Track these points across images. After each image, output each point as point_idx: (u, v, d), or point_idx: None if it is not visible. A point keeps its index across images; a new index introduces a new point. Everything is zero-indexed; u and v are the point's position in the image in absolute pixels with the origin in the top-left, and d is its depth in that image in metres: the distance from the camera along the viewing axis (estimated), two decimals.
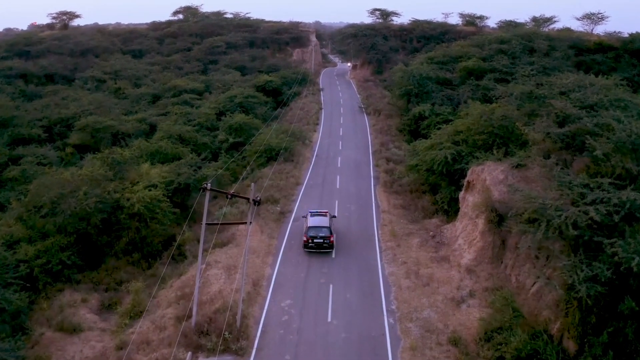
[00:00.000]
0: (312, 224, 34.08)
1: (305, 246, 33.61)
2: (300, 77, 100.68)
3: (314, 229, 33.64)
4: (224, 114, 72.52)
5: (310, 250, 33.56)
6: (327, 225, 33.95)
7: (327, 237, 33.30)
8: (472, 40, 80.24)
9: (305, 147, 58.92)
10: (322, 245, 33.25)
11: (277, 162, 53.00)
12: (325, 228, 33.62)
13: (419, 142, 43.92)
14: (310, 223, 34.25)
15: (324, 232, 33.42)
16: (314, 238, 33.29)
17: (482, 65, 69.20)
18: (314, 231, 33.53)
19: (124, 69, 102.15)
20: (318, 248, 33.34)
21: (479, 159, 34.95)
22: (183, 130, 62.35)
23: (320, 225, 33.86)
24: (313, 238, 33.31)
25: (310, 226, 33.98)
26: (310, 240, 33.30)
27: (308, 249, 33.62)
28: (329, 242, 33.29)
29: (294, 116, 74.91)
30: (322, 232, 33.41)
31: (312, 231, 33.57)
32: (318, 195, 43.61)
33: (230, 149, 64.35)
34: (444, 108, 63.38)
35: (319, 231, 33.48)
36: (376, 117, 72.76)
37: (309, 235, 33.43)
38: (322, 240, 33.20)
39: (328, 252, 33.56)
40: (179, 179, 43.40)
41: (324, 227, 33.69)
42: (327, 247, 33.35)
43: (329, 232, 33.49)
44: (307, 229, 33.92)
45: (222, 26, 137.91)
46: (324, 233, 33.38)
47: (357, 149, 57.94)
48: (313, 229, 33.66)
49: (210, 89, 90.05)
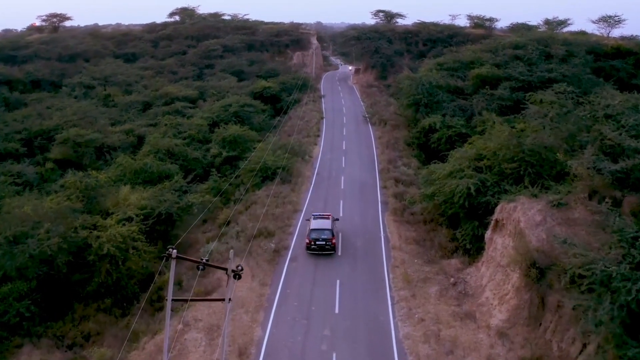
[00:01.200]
0: (315, 226, 34.56)
1: (308, 248, 34.04)
2: (301, 82, 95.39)
3: (316, 232, 34.07)
4: (218, 124, 67.39)
5: (312, 252, 33.90)
6: (329, 227, 34.33)
7: (329, 239, 33.76)
8: (484, 45, 74.82)
9: (304, 164, 53.63)
10: (324, 247, 33.73)
11: (273, 182, 47.75)
12: (327, 230, 34.05)
13: (434, 166, 38.49)
14: (313, 226, 34.70)
15: (326, 234, 33.85)
16: (316, 240, 33.75)
17: (497, 73, 63.91)
18: (316, 233, 33.96)
19: (115, 74, 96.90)
20: (320, 250, 33.80)
21: (508, 193, 29.61)
22: (172, 144, 57.41)
23: (323, 227, 34.28)
24: (315, 240, 33.77)
25: (312, 229, 34.38)
26: (313, 243, 33.79)
27: (311, 251, 33.98)
28: (331, 245, 33.77)
29: (294, 126, 69.63)
30: (324, 234, 33.84)
31: (314, 233, 33.99)
32: None
33: (224, 163, 59.44)
34: (457, 120, 58.14)
35: (321, 233, 33.90)
36: (382, 128, 67.43)
37: (311, 237, 33.91)
38: (324, 242, 33.66)
39: (330, 253, 33.96)
40: (160, 208, 38.15)
41: (326, 229, 34.11)
42: (329, 250, 33.81)
43: (331, 235, 33.94)
44: (309, 232, 34.32)
45: (219, 28, 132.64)
46: (326, 235, 33.80)
47: (362, 166, 52.61)
48: (315, 232, 34.07)
49: (204, 96, 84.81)
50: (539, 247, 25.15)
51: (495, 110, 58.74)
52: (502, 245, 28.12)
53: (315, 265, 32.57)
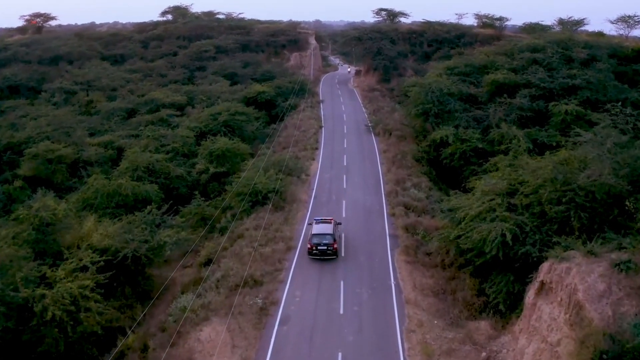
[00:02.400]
0: (316, 231, 34.07)
1: (310, 253, 33.66)
2: (298, 86, 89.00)
3: (318, 236, 33.59)
4: (206, 135, 61.17)
5: (314, 257, 33.42)
6: (331, 232, 33.85)
7: (330, 244, 33.30)
8: (498, 47, 68.49)
9: (300, 185, 47.36)
10: (326, 252, 33.31)
11: (265, 208, 41.56)
12: (328, 235, 33.59)
13: (457, 200, 31.95)
14: (314, 230, 34.21)
15: (328, 239, 33.40)
16: (318, 245, 33.29)
17: (514, 79, 57.62)
18: (317, 238, 33.51)
19: (99, 78, 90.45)
20: (322, 255, 33.39)
21: (556, 246, 23.29)
22: (153, 159, 51.27)
23: (324, 232, 33.84)
24: (317, 245, 33.30)
25: (314, 233, 33.94)
26: (314, 248, 33.37)
27: (312, 256, 33.55)
28: (333, 249, 33.33)
29: (289, 137, 63.29)
30: (326, 239, 33.40)
31: (315, 238, 33.55)
32: (316, 274, 31.93)
33: (211, 180, 53.42)
34: (471, 132, 51.97)
35: (322, 238, 33.45)
36: (386, 139, 61.08)
37: (312, 242, 33.48)
38: (325, 247, 33.24)
39: (332, 258, 33.45)
40: (126, 250, 31.83)
41: (327, 234, 33.68)
42: (330, 254, 33.38)
43: (332, 239, 33.46)
44: (311, 237, 33.92)
45: (212, 28, 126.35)
46: (328, 240, 33.35)
47: (366, 188, 46.29)
48: (316, 236, 33.61)
49: (193, 102, 78.43)
50: (605, 328, 18.98)
51: (514, 121, 52.59)
52: (549, 316, 21.85)
53: (311, 330, 26.24)
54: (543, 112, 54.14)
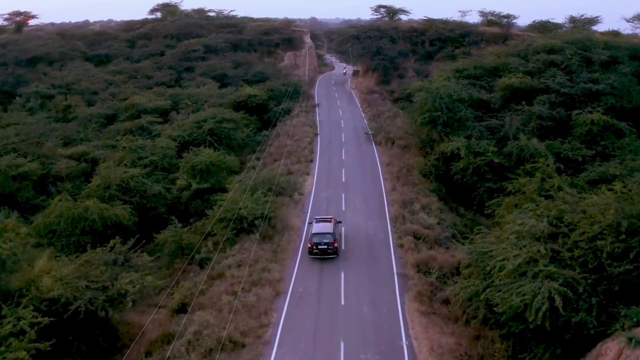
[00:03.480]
0: (316, 230, 33.62)
1: (310, 252, 33.25)
2: (292, 89, 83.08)
3: (318, 236, 33.19)
4: (190, 145, 55.36)
5: (315, 256, 33.01)
6: (331, 231, 33.45)
7: (330, 243, 32.93)
8: (510, 47, 62.65)
9: (293, 207, 41.59)
10: (326, 251, 32.98)
11: (251, 236, 35.84)
12: (329, 234, 33.20)
13: (483, 241, 26.09)
14: (315, 230, 33.70)
15: (328, 238, 33.03)
16: (318, 244, 32.93)
17: (531, 83, 51.91)
18: (317, 238, 33.12)
19: (78, 80, 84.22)
20: (322, 254, 33.03)
21: (623, 320, 17.59)
22: (128, 175, 45.54)
23: (324, 231, 33.42)
24: (317, 244, 32.95)
25: (314, 233, 33.47)
26: (315, 247, 33.01)
27: (313, 255, 33.14)
28: (333, 249, 32.97)
29: (281, 147, 57.49)
30: (326, 238, 33.02)
31: (315, 238, 33.17)
32: (310, 329, 26.07)
33: (193, 198, 47.79)
34: (485, 144, 46.32)
35: (322, 237, 33.06)
36: (389, 149, 55.35)
37: (313, 242, 33.11)
38: (326, 246, 32.90)
39: (333, 257, 32.98)
40: (78, 302, 25.96)
41: (327, 233, 33.28)
42: (331, 253, 33.03)
43: (333, 238, 33.05)
44: (311, 236, 33.45)
45: (202, 26, 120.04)
46: (328, 239, 32.98)
47: (368, 211, 40.54)
48: (317, 236, 33.22)
49: (178, 107, 72.39)
50: None
51: (532, 131, 46.97)
52: None
53: None
54: (564, 121, 48.53)
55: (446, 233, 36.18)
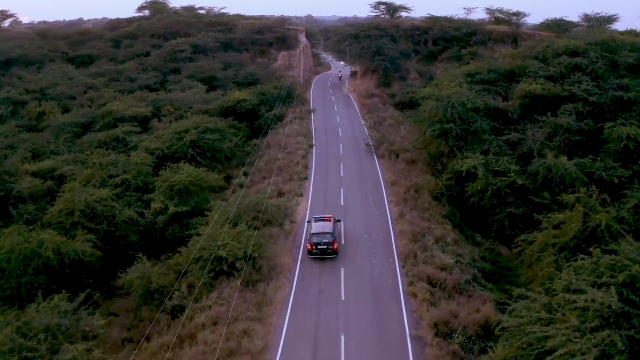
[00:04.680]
0: (315, 230, 32.91)
1: (310, 252, 32.50)
2: (284, 93, 76.73)
3: (317, 236, 32.47)
4: (169, 160, 49.29)
5: (314, 256, 32.24)
6: (330, 231, 32.74)
7: (330, 242, 32.24)
8: (526, 48, 56.32)
9: (282, 239, 35.35)
10: (326, 251, 32.27)
11: (231, 281, 29.69)
12: (328, 234, 32.50)
13: (526, 310, 19.89)
14: (314, 229, 33.00)
15: (327, 237, 32.35)
16: (318, 244, 32.22)
17: (553, 90, 45.76)
18: (317, 237, 32.42)
19: (54, 84, 77.61)
20: (322, 254, 32.32)
21: None
22: (95, 198, 39.58)
23: (324, 231, 32.70)
24: (317, 244, 32.24)
25: (313, 232, 32.80)
26: (314, 247, 32.28)
27: (312, 255, 32.37)
28: (333, 249, 32.22)
29: (271, 160, 51.23)
30: (326, 238, 32.34)
31: (315, 237, 32.46)
32: None
33: (170, 223, 42.10)
34: (506, 161, 40.25)
35: (322, 237, 32.36)
36: (392, 164, 49.14)
37: (312, 242, 32.42)
38: (325, 246, 32.20)
39: (333, 257, 32.04)
40: None
41: (327, 232, 32.61)
42: (331, 253, 32.32)
43: (332, 238, 32.36)
44: (310, 236, 32.83)
45: (190, 24, 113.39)
46: (327, 239, 32.30)
47: (372, 245, 34.33)
48: (316, 236, 32.51)
49: (160, 115, 66.00)
50: None
51: (559, 147, 40.88)
52: None
53: None
54: (594, 134, 42.44)
55: (467, 275, 30.09)
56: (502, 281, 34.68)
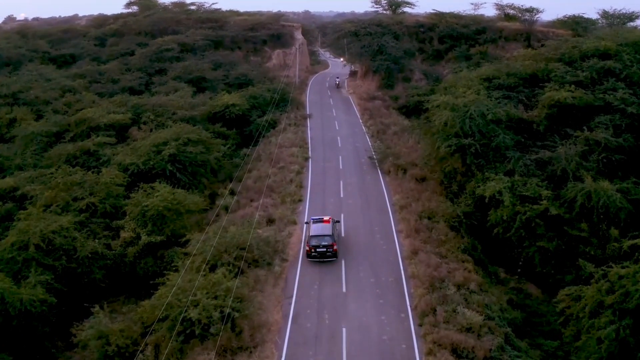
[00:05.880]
0: (314, 232, 31.87)
1: (308, 256, 31.62)
2: (278, 96, 70.46)
3: (316, 238, 31.48)
4: (144, 178, 43.31)
5: (313, 259, 31.28)
6: (330, 233, 31.68)
7: (329, 245, 31.25)
8: (549, 49, 49.92)
9: (271, 285, 29.26)
10: (325, 254, 31.31)
11: (205, 347, 23.63)
12: (327, 236, 31.45)
13: None
14: (313, 232, 32.02)
15: (327, 240, 31.34)
16: (317, 247, 31.27)
17: (585, 98, 39.63)
18: (316, 240, 31.42)
19: (28, 88, 71.15)
20: (321, 257, 31.38)
21: None
22: (53, 228, 33.81)
23: (323, 233, 31.65)
24: (316, 247, 31.28)
25: (312, 235, 31.80)
26: (313, 250, 31.34)
27: (311, 259, 31.44)
28: (332, 251, 31.30)
29: (262, 177, 45.06)
30: (325, 240, 31.35)
31: (314, 240, 31.45)
32: None
33: (143, 255, 36.17)
34: (535, 185, 34.10)
35: (321, 240, 31.38)
36: (400, 182, 43.09)
37: (311, 244, 31.40)
38: (325, 249, 31.22)
39: (332, 260, 30.90)
40: None
41: (326, 235, 31.54)
42: (330, 256, 31.40)
43: (332, 240, 31.34)
44: (309, 238, 31.88)
45: (179, 21, 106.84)
46: (327, 242, 31.30)
47: (380, 295, 28.17)
48: (315, 238, 31.50)
49: (140, 122, 59.53)
50: None
51: (596, 167, 34.78)
52: None
53: None
54: (635, 151, 36.35)
55: (498, 337, 24.05)
56: (535, 332, 28.87)
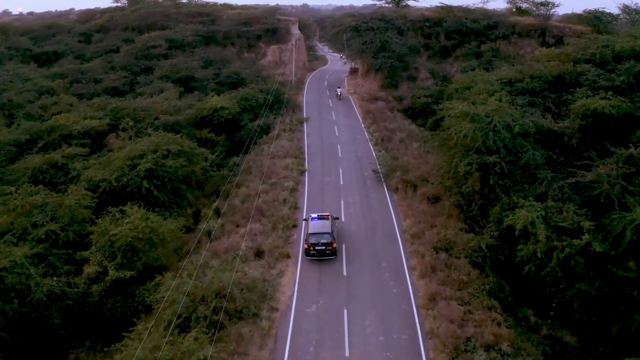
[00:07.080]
0: (313, 230, 31.18)
1: (307, 254, 31.04)
2: (272, 97, 64.73)
3: (315, 236, 30.90)
4: (117, 196, 37.89)
5: (312, 257, 30.67)
6: (329, 230, 31.00)
7: (329, 243, 30.66)
8: (576, 48, 44.02)
9: (257, 345, 23.69)
10: (324, 252, 30.74)
11: None
12: (327, 234, 30.85)
13: None
14: (312, 229, 31.32)
15: (326, 238, 30.76)
16: (316, 245, 30.67)
17: (624, 107, 33.97)
18: (315, 238, 30.82)
19: (3, 90, 65.22)
20: (320, 255, 30.81)
21: None
22: (6, 262, 29.01)
23: (322, 231, 30.97)
24: (315, 245, 30.68)
25: (311, 233, 31.16)
26: (312, 248, 30.75)
27: (310, 257, 30.84)
28: (332, 249, 30.69)
29: (250, 196, 39.44)
30: (324, 238, 30.78)
31: (313, 238, 30.86)
32: None
33: (110, 293, 31.10)
34: (571, 211, 28.55)
35: (320, 237, 30.79)
36: (409, 202, 37.54)
37: (310, 242, 30.80)
38: (324, 247, 30.63)
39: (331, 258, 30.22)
40: None
41: (325, 233, 30.91)
42: (329, 254, 30.82)
43: (332, 238, 30.74)
44: (307, 236, 31.23)
45: (168, 15, 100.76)
46: (326, 239, 30.71)
47: (390, 358, 22.68)
48: (314, 236, 30.92)
49: (119, 127, 53.68)
50: None
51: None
52: None
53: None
54: None
55: None
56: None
